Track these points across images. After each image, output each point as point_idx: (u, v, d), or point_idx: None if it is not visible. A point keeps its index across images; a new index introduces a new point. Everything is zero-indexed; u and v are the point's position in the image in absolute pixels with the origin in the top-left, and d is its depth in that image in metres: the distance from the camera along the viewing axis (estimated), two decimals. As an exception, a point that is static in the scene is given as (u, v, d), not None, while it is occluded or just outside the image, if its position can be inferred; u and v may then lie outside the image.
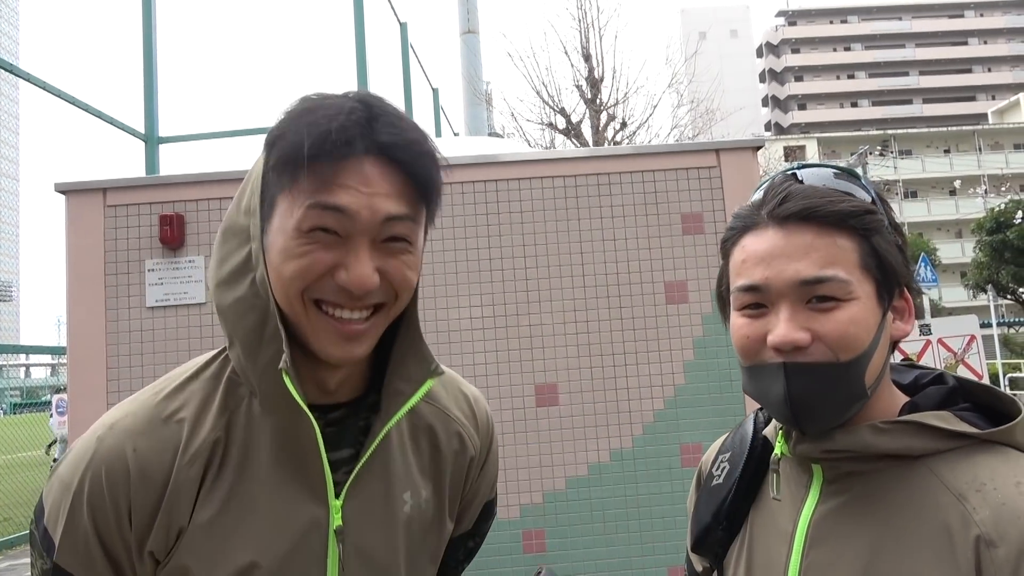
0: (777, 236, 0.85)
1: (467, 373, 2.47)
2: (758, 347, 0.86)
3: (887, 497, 0.83)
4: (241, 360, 0.88)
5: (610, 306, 2.55)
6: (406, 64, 9.96)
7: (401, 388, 0.92)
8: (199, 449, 0.87)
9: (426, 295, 2.51)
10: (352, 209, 0.80)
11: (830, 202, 0.84)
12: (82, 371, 2.44)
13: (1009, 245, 21.84)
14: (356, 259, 0.82)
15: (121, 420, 0.89)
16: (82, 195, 2.52)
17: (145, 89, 6.34)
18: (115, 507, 0.84)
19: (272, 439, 0.89)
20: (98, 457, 0.86)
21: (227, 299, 0.87)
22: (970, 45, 61.73)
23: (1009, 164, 45.14)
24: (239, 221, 0.88)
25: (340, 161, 0.80)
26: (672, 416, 2.51)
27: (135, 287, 2.49)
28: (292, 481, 0.88)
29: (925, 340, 3.94)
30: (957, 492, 0.79)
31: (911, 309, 0.90)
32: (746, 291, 0.87)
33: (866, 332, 0.83)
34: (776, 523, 0.92)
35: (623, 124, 12.41)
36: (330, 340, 0.84)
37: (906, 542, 0.80)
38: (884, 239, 0.85)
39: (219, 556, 0.85)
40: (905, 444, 0.83)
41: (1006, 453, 0.82)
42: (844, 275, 0.82)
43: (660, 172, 2.63)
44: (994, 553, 0.74)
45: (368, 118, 0.83)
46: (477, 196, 2.58)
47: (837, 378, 0.82)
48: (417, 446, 1.00)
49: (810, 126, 58.33)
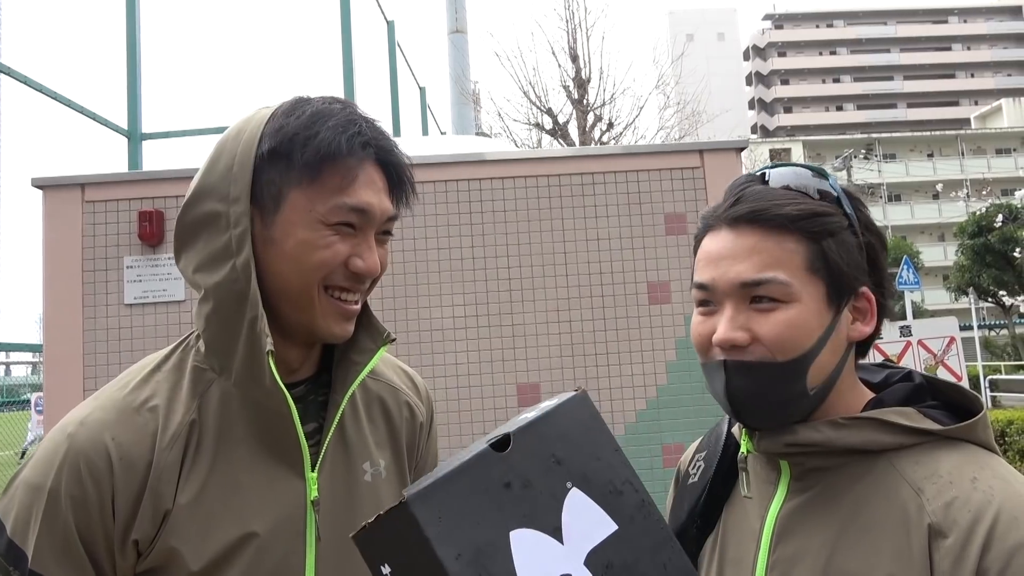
0: (727, 237, 0.88)
1: (449, 372, 2.46)
2: (708, 345, 0.89)
3: (850, 492, 0.85)
4: (218, 339, 0.92)
5: (593, 306, 2.55)
6: (393, 63, 9.93)
7: (355, 359, 1.00)
8: (177, 431, 0.90)
9: (408, 294, 2.49)
10: (373, 208, 0.92)
11: (777, 205, 0.86)
12: (59, 369, 2.41)
13: (990, 249, 22.08)
14: (369, 249, 0.93)
15: (91, 415, 0.90)
16: (60, 190, 2.49)
17: (128, 85, 6.28)
18: (99, 499, 0.85)
19: (246, 418, 0.93)
20: (73, 451, 0.86)
21: (208, 282, 0.92)
22: (954, 51, 62.36)
23: (991, 168, 45.68)
24: (216, 208, 0.91)
25: (362, 161, 0.91)
26: (654, 416, 2.51)
27: (113, 284, 2.46)
28: (270, 457, 0.93)
29: (905, 342, 3.98)
30: (916, 486, 0.81)
31: (873, 310, 0.90)
32: (699, 289, 0.91)
33: (806, 334, 0.84)
34: (746, 520, 0.93)
35: (610, 125, 12.43)
36: (335, 320, 0.94)
37: (867, 535, 0.81)
38: (838, 241, 0.86)
39: (206, 534, 0.88)
40: (866, 439, 0.85)
41: (967, 449, 0.84)
42: (784, 277, 0.84)
43: (644, 172, 2.63)
44: (942, 543, 0.76)
45: (370, 126, 0.94)
46: (460, 195, 2.57)
47: (774, 377, 0.84)
48: (371, 419, 1.06)
49: (796, 129, 58.72)
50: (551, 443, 0.76)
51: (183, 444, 0.90)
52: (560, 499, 0.74)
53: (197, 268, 0.93)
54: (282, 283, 0.91)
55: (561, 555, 0.72)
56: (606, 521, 0.75)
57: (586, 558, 0.73)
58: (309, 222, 0.90)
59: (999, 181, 40.67)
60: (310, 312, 0.92)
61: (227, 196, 0.90)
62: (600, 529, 0.75)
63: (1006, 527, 0.75)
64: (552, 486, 0.74)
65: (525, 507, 0.72)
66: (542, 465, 0.74)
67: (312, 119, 0.90)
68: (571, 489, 0.75)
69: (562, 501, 0.74)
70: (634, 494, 0.79)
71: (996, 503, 0.77)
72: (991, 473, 0.81)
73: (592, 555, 0.73)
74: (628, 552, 0.75)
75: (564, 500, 0.74)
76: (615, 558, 0.74)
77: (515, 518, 0.71)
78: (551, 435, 0.77)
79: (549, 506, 0.73)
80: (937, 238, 46.07)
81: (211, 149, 0.96)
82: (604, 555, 0.74)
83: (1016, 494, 0.78)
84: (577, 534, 0.73)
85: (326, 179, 0.89)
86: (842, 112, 62.55)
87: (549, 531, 0.72)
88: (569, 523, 0.74)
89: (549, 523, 0.72)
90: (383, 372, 1.12)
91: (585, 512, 0.75)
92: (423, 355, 2.44)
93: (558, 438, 0.77)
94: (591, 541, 0.74)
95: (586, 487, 0.76)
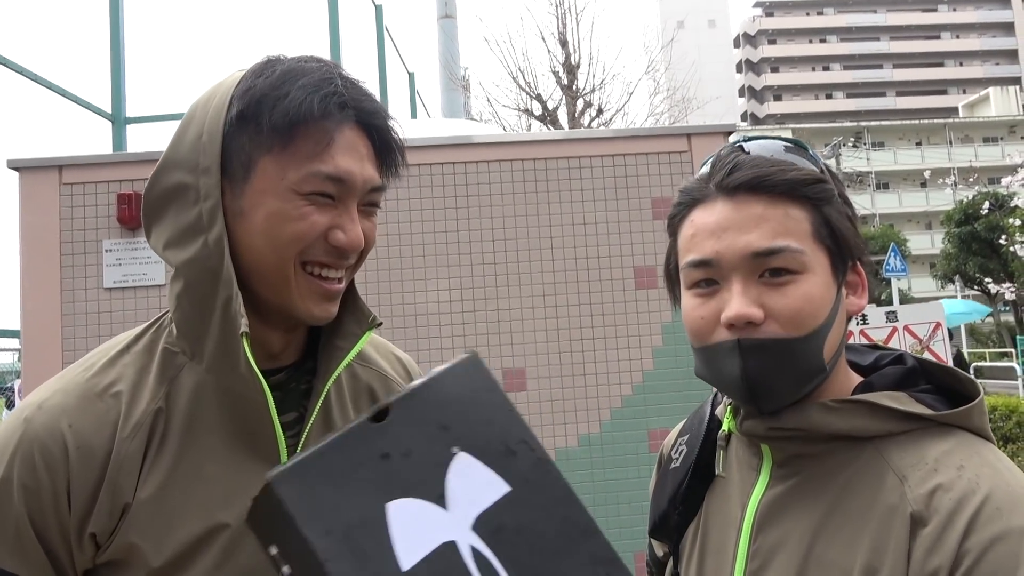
0: (727, 208, 0.82)
1: (434, 357, 2.44)
2: (712, 328, 0.82)
3: (835, 480, 0.81)
4: (189, 321, 0.86)
5: (579, 291, 2.53)
6: (381, 47, 9.83)
7: (339, 344, 0.93)
8: (140, 420, 0.84)
9: (393, 278, 2.47)
10: (353, 176, 0.84)
11: (780, 171, 0.81)
12: (37, 354, 2.37)
13: (977, 237, 22.23)
14: (352, 221, 0.85)
15: (50, 399, 0.84)
16: (36, 172, 2.44)
17: (112, 68, 6.18)
18: (52, 488, 0.80)
19: (219, 406, 0.87)
20: (27, 438, 0.81)
21: (178, 259, 0.86)
22: (943, 39, 62.53)
23: (979, 157, 45.91)
24: (183, 180, 0.85)
25: (339, 124, 0.83)
26: (640, 402, 2.50)
27: (92, 268, 2.42)
28: (243, 447, 0.87)
29: (892, 327, 3.99)
30: (900, 474, 0.77)
31: (864, 284, 0.87)
32: (697, 267, 0.84)
33: (821, 307, 0.80)
34: (728, 507, 0.90)
35: (599, 111, 12.39)
36: (314, 300, 0.86)
37: (848, 525, 0.78)
38: (836, 209, 0.83)
39: (168, 530, 0.82)
40: (855, 424, 0.80)
41: (960, 436, 0.80)
42: (797, 245, 0.79)
43: (631, 156, 2.61)
44: (921, 531, 0.73)
45: (349, 86, 0.85)
46: (446, 178, 2.55)
47: (794, 354, 0.79)
48: (358, 408, 1.00)
49: (785, 117, 58.81)
50: (436, 409, 0.72)
51: (146, 434, 0.84)
52: (445, 465, 0.70)
53: (167, 244, 0.87)
54: (254, 259, 0.84)
55: (446, 522, 0.68)
56: (498, 483, 0.71)
57: (474, 523, 0.69)
58: (280, 191, 0.82)
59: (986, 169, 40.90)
60: (286, 291, 0.85)
61: (196, 167, 0.84)
62: (491, 492, 0.71)
63: (988, 516, 0.71)
64: (436, 453, 0.70)
65: (405, 477, 0.68)
66: (425, 432, 0.71)
67: (282, 78, 0.83)
68: (457, 454, 0.71)
69: (447, 467, 0.70)
70: (529, 453, 0.74)
71: (982, 491, 0.73)
72: (980, 461, 0.76)
73: (482, 518, 0.69)
74: (523, 512, 0.71)
75: (449, 465, 0.70)
76: (508, 520, 0.70)
77: (393, 489, 0.67)
78: (436, 400, 0.73)
79: (433, 473, 0.69)
80: (924, 226, 46.35)
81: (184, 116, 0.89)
82: (495, 518, 0.70)
83: (1004, 483, 0.74)
84: (464, 499, 0.70)
85: (299, 144, 0.82)
86: (832, 100, 62.65)
87: (432, 499, 0.68)
88: (455, 489, 0.70)
89: (432, 491, 0.68)
90: (374, 359, 1.06)
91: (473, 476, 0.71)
92: (407, 340, 2.42)
93: (445, 403, 0.73)
94: (480, 505, 0.70)
95: (475, 451, 0.72)
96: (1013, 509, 0.71)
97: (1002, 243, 18.49)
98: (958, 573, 0.70)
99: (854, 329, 4.02)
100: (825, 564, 0.77)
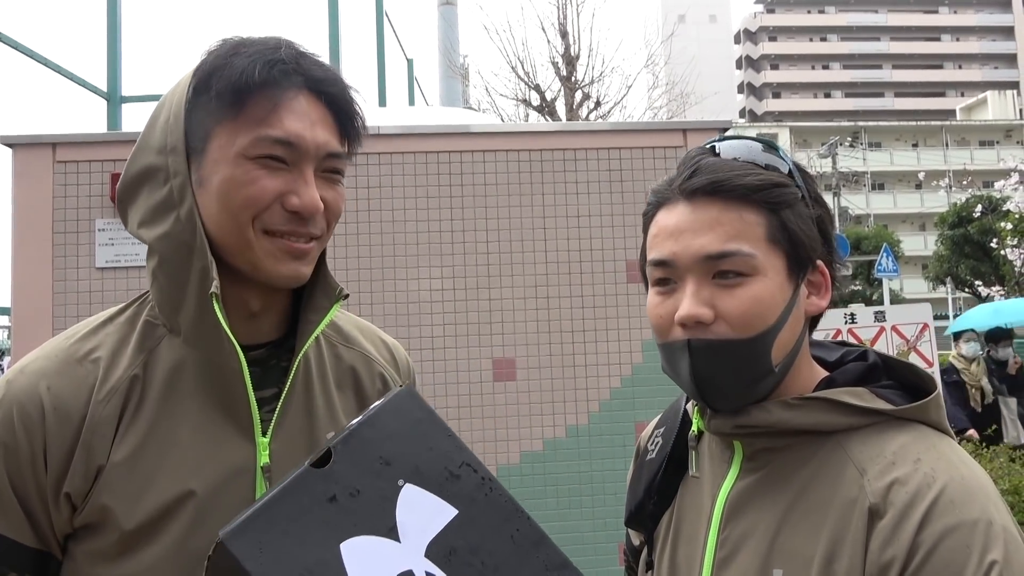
0: (685, 211, 0.85)
1: (425, 346, 2.45)
2: (669, 325, 0.86)
3: (799, 472, 0.84)
4: (166, 293, 0.89)
5: (571, 283, 2.54)
6: (380, 32, 9.78)
7: (311, 318, 0.95)
8: (115, 385, 0.87)
9: (385, 265, 2.47)
10: (303, 139, 0.85)
11: (736, 176, 0.84)
12: (27, 332, 2.37)
13: (969, 239, 22.33)
14: (305, 184, 0.86)
15: (32, 363, 0.88)
16: (30, 149, 2.43)
17: (108, 46, 6.14)
18: (30, 447, 0.83)
19: (195, 376, 0.89)
20: (8, 400, 0.85)
21: (152, 236, 0.89)
22: (943, 41, 62.59)
23: (974, 160, 46.08)
24: (153, 162, 0.88)
25: (285, 90, 0.85)
26: (628, 395, 2.52)
27: (84, 247, 2.42)
28: (218, 419, 0.89)
29: (879, 327, 4.02)
30: (860, 467, 0.80)
31: (828, 284, 0.90)
32: (657, 266, 0.87)
33: (771, 309, 0.83)
34: (700, 498, 0.93)
35: (597, 103, 12.37)
36: (279, 259, 0.87)
37: (811, 515, 0.81)
38: (795, 213, 0.85)
39: (141, 493, 0.85)
40: (816, 420, 0.84)
41: (918, 430, 0.83)
42: (748, 249, 0.82)
43: (626, 150, 2.61)
44: (878, 523, 0.76)
45: (296, 55, 0.87)
46: (441, 167, 2.55)
47: (740, 355, 0.82)
48: (341, 389, 1.01)
49: (783, 115, 58.82)
50: (377, 445, 0.75)
51: (122, 399, 0.87)
52: (392, 499, 0.73)
53: (141, 223, 0.90)
54: (216, 226, 0.86)
55: (399, 553, 0.71)
56: (445, 508, 0.74)
57: (427, 549, 0.72)
58: (231, 157, 0.85)
59: (981, 173, 41.06)
60: (250, 254, 0.87)
61: (164, 147, 0.87)
62: (439, 518, 0.74)
63: (942, 509, 0.74)
64: (382, 488, 0.73)
65: (355, 516, 0.70)
66: (369, 469, 0.73)
67: (231, 51, 0.86)
68: (404, 486, 0.74)
69: (395, 500, 0.73)
70: (472, 475, 0.77)
71: (937, 485, 0.75)
72: (936, 455, 0.79)
73: (433, 545, 0.72)
74: (472, 533, 0.74)
75: (397, 498, 0.73)
76: (458, 542, 0.73)
77: (344, 529, 0.69)
78: (376, 437, 0.75)
79: (381, 508, 0.72)
80: (919, 227, 46.54)
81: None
82: (446, 542, 0.73)
83: (959, 477, 0.77)
84: (414, 529, 0.72)
85: (248, 111, 0.84)
86: (830, 99, 62.68)
87: (383, 532, 0.71)
88: (405, 520, 0.72)
89: (383, 525, 0.71)
90: (358, 341, 1.07)
91: (421, 505, 0.74)
92: (399, 327, 2.42)
93: (385, 438, 0.75)
94: (430, 533, 0.73)
95: (419, 480, 0.75)
96: (966, 501, 0.74)
97: (994, 247, 18.59)
98: (912, 564, 0.72)
99: (842, 328, 4.04)
100: (788, 553, 0.80)
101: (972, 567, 0.70)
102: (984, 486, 0.77)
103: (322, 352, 1.01)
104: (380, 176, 2.48)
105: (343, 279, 2.06)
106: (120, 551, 0.84)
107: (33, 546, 0.85)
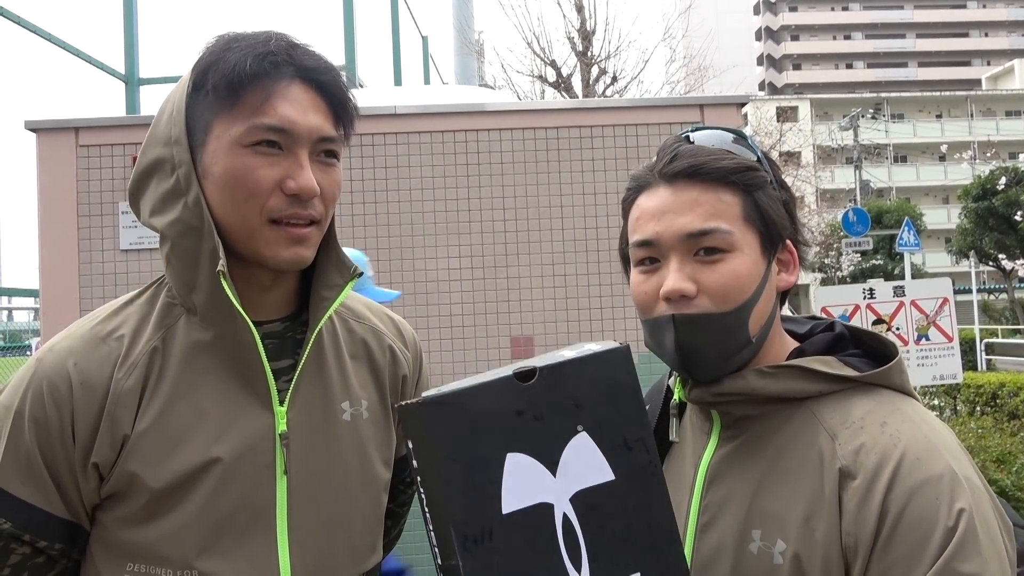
0: (667, 193, 0.91)
1: (443, 324, 2.47)
2: (653, 301, 0.91)
3: (774, 438, 0.90)
4: (179, 275, 0.94)
5: (588, 260, 2.55)
6: (395, 9, 9.74)
7: (324, 295, 1.00)
8: (136, 359, 0.92)
9: (404, 244, 2.50)
10: (296, 125, 0.89)
11: (714, 159, 0.90)
12: (55, 313, 2.42)
13: (994, 212, 21.95)
14: (301, 168, 0.90)
15: (60, 343, 0.94)
16: (53, 134, 2.47)
17: (126, 28, 6.17)
18: (59, 420, 0.88)
19: (213, 350, 0.94)
20: (39, 375, 0.90)
21: (162, 223, 0.93)
22: (968, 8, 61.08)
23: (1000, 131, 45.14)
24: (160, 154, 0.93)
25: (277, 80, 0.89)
26: (645, 372, 2.52)
27: (108, 229, 2.46)
28: (237, 389, 0.94)
29: (899, 301, 3.98)
30: (831, 431, 0.86)
31: (796, 261, 0.97)
32: (641, 246, 0.93)
33: (748, 283, 0.89)
34: (683, 468, 0.99)
35: (614, 79, 12.26)
36: (282, 244, 0.92)
37: (787, 479, 0.87)
38: (767, 195, 0.92)
39: (166, 458, 0.89)
40: (788, 387, 0.89)
41: (883, 395, 0.88)
42: (727, 227, 0.89)
43: (643, 127, 2.60)
44: (850, 484, 0.81)
45: (287, 46, 0.92)
46: (458, 146, 2.55)
47: (721, 327, 0.88)
48: (355, 360, 1.06)
49: (804, 87, 57.85)
50: (575, 386, 0.78)
51: (143, 371, 0.91)
52: (566, 438, 0.77)
53: (152, 212, 0.95)
54: (223, 214, 0.91)
55: (550, 485, 0.75)
56: (605, 470, 0.78)
57: (574, 495, 0.76)
58: (229, 148, 0.89)
59: (1007, 144, 40.27)
60: (253, 242, 0.92)
61: (169, 140, 0.92)
62: (596, 475, 0.77)
63: (908, 468, 0.79)
64: (562, 424, 0.77)
65: (530, 436, 0.75)
66: (559, 404, 0.77)
67: (225, 46, 0.91)
68: (580, 432, 0.77)
69: (567, 441, 0.77)
70: (643, 454, 0.80)
71: (901, 446, 0.81)
72: (901, 417, 0.85)
73: (581, 494, 0.76)
74: (618, 503, 0.78)
75: (570, 440, 0.77)
76: (603, 504, 0.77)
77: (517, 442, 0.74)
78: (578, 380, 0.78)
79: (554, 441, 0.76)
80: (942, 200, 45.79)
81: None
82: (593, 498, 0.77)
83: (922, 436, 0.82)
84: (572, 473, 0.76)
85: (244, 102, 0.89)
86: (852, 70, 61.55)
87: (545, 463, 0.75)
88: (568, 461, 0.76)
89: (548, 456, 0.75)
90: (367, 316, 1.12)
91: (587, 456, 0.77)
92: (417, 306, 2.45)
93: (585, 384, 0.79)
94: (583, 483, 0.77)
95: (596, 435, 0.78)
96: (929, 458, 0.80)
97: (1019, 219, 18.26)
98: (887, 520, 0.78)
99: (860, 303, 4.00)
100: (766, 515, 0.86)
101: (943, 517, 0.76)
102: (945, 440, 0.84)
103: (335, 326, 1.06)
104: (397, 156, 2.49)
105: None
106: (148, 515, 0.89)
107: (63, 516, 0.90)
